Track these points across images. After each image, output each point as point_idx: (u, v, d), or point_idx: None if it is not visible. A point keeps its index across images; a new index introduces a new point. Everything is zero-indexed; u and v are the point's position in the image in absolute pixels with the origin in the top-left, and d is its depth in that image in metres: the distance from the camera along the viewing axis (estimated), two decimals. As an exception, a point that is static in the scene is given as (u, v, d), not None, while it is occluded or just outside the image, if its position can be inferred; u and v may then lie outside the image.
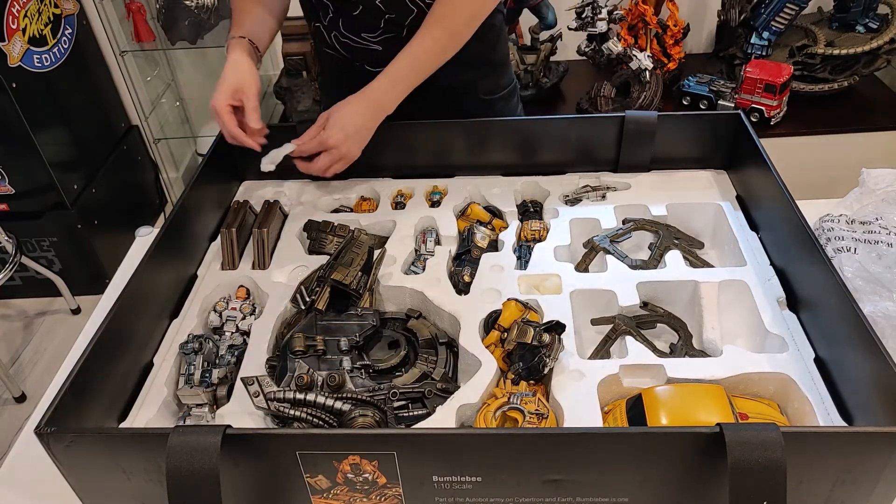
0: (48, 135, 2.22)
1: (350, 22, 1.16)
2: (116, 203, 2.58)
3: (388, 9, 1.12)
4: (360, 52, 1.19)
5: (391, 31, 1.15)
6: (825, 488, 0.69)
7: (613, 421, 0.81)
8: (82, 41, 2.42)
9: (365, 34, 1.16)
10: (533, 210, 1.17)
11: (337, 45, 1.20)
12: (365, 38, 1.17)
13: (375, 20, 1.14)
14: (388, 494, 0.73)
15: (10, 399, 2.20)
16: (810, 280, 0.89)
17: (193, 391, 0.89)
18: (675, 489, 0.70)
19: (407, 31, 1.14)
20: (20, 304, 2.55)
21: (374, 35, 1.16)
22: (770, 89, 2.04)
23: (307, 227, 1.12)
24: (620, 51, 2.18)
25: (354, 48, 1.19)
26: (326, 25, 1.19)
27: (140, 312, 0.91)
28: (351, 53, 1.20)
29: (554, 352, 0.85)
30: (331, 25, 1.18)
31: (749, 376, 0.84)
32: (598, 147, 1.19)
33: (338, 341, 0.92)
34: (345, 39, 1.18)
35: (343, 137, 1.07)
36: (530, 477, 0.70)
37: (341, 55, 1.22)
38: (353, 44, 1.18)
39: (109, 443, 0.70)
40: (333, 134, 1.07)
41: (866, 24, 2.15)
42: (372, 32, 1.16)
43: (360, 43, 1.18)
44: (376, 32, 1.15)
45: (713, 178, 1.20)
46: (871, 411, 0.74)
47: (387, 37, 1.16)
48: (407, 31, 1.14)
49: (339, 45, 1.20)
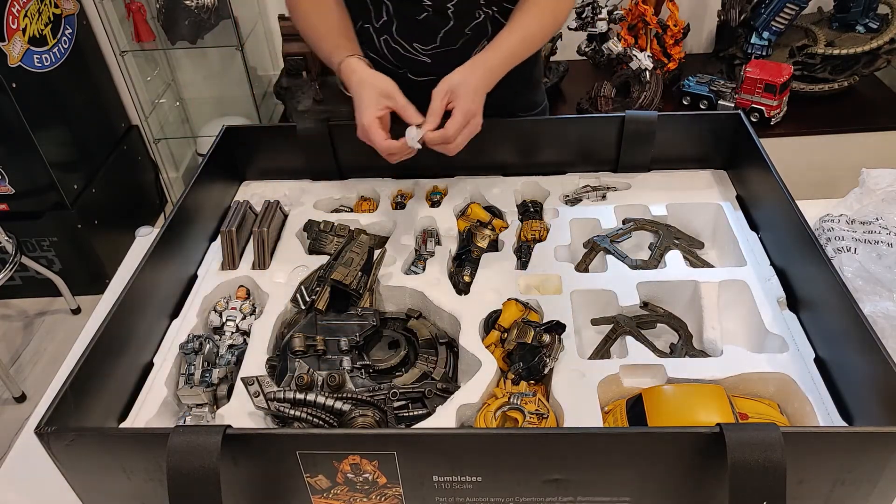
0: (48, 135, 2.22)
1: (406, 29, 1.13)
2: (116, 203, 2.58)
3: (456, 16, 1.09)
4: (408, 60, 1.17)
5: (445, 45, 1.13)
6: (825, 488, 0.69)
7: (613, 421, 0.81)
8: (82, 41, 2.42)
9: (417, 45, 1.14)
10: (533, 210, 1.17)
11: (385, 49, 1.17)
12: (416, 48, 1.14)
13: (435, 31, 1.11)
14: (388, 494, 0.73)
15: (10, 399, 2.20)
16: (810, 280, 0.89)
17: (193, 391, 0.89)
18: (675, 489, 0.70)
19: (461, 45, 1.13)
20: (20, 304, 2.55)
21: (426, 47, 1.14)
22: (770, 89, 2.04)
23: (307, 227, 1.12)
24: (620, 51, 2.18)
25: (403, 56, 1.16)
26: (377, 28, 1.15)
27: (140, 312, 0.91)
28: (398, 60, 1.18)
29: (554, 352, 0.85)
30: (382, 29, 1.14)
31: (749, 376, 0.84)
32: (598, 147, 1.19)
33: (338, 341, 0.92)
34: (395, 46, 1.15)
35: (479, 104, 1.00)
36: (530, 477, 0.70)
37: (387, 61, 1.19)
38: (403, 52, 1.15)
39: (109, 443, 0.70)
40: (471, 101, 0.98)
41: (866, 24, 2.15)
42: (425, 44, 1.13)
43: (410, 52, 1.15)
44: (429, 45, 1.13)
45: (713, 178, 1.20)
46: (871, 411, 0.74)
47: (439, 51, 1.14)
48: (461, 45, 1.13)
49: (388, 50, 1.17)
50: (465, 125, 0.98)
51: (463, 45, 1.13)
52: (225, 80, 2.72)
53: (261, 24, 2.61)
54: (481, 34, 1.13)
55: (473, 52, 1.14)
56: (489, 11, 1.11)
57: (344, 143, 1.21)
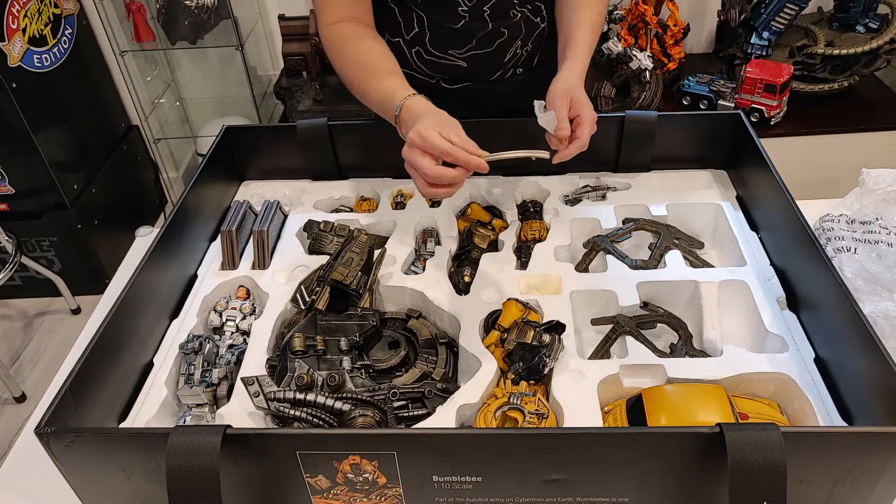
0: (48, 135, 2.22)
1: (440, 37, 1.12)
2: (116, 203, 2.58)
3: (492, 18, 1.09)
4: (443, 68, 1.16)
5: (482, 48, 1.12)
6: (825, 488, 0.69)
7: (613, 421, 0.81)
8: (82, 41, 2.42)
9: (453, 51, 1.13)
10: (533, 210, 1.17)
11: (418, 60, 1.16)
12: (452, 54, 1.13)
13: (471, 35, 1.11)
14: (388, 494, 0.73)
15: (10, 399, 2.20)
16: (810, 280, 0.89)
17: (193, 391, 0.89)
18: (675, 489, 0.70)
19: (497, 46, 1.13)
20: (20, 304, 2.55)
21: (461, 51, 1.13)
22: (770, 89, 2.04)
23: (307, 227, 1.12)
24: (620, 51, 2.18)
25: (437, 64, 1.15)
26: (408, 40, 1.13)
27: (140, 312, 0.91)
28: (432, 69, 1.16)
29: (554, 352, 0.85)
30: (414, 41, 1.13)
31: (749, 376, 0.84)
32: (598, 147, 1.18)
33: (338, 341, 0.92)
34: (429, 57, 1.14)
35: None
36: (530, 477, 0.70)
37: (420, 72, 1.17)
38: (438, 60, 1.14)
39: (109, 443, 0.70)
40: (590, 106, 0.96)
41: (866, 24, 2.15)
42: (461, 48, 1.12)
43: (445, 59, 1.14)
44: (465, 49, 1.12)
45: (713, 178, 1.20)
46: (871, 411, 0.74)
47: (475, 53, 1.13)
48: (497, 46, 1.13)
49: (421, 61, 1.15)
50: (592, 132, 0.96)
51: (498, 45, 1.13)
52: (225, 80, 2.72)
53: (261, 24, 2.61)
54: (516, 34, 1.13)
55: (508, 52, 1.15)
56: (523, 10, 1.11)
57: (344, 143, 1.21)
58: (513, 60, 1.16)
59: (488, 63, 1.14)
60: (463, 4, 1.07)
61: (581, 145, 0.94)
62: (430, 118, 0.89)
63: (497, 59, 1.14)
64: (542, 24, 1.15)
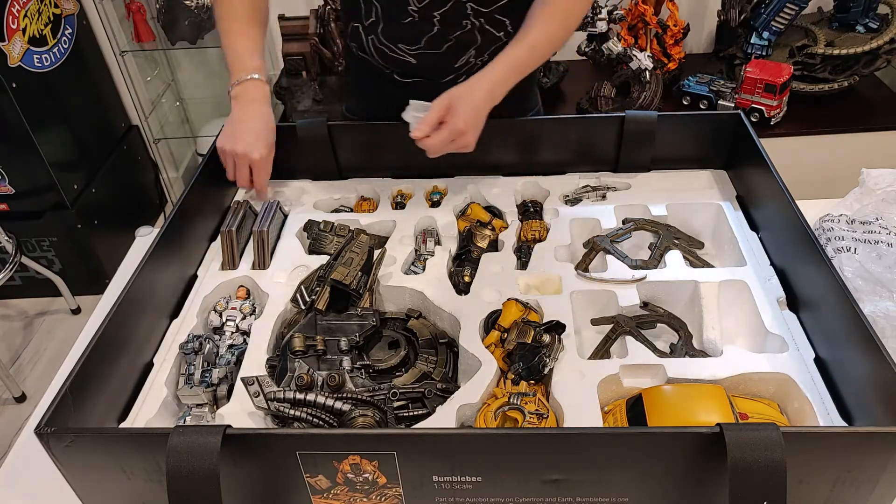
0: (48, 135, 2.22)
1: (392, 31, 1.13)
2: (116, 203, 2.58)
3: (442, 23, 1.10)
4: (394, 61, 1.17)
5: (430, 48, 1.13)
6: (825, 488, 0.69)
7: (613, 421, 0.81)
8: (82, 41, 2.42)
9: (403, 45, 1.14)
10: (533, 210, 1.17)
11: (372, 49, 1.17)
12: (402, 48, 1.14)
13: (420, 34, 1.12)
14: (388, 494, 0.73)
15: (10, 399, 2.20)
16: (810, 280, 0.89)
17: (193, 391, 0.89)
18: (675, 489, 0.70)
19: (446, 50, 1.13)
20: (20, 304, 2.55)
21: (411, 48, 1.14)
22: (770, 89, 2.04)
23: (307, 227, 1.12)
24: (620, 51, 2.18)
25: (389, 56, 1.17)
26: (366, 27, 1.15)
27: (140, 312, 0.91)
28: (384, 60, 1.18)
29: (554, 352, 0.85)
30: (370, 28, 1.15)
31: (749, 376, 0.84)
32: (598, 147, 1.19)
33: (338, 341, 0.92)
34: (381, 46, 1.16)
35: (472, 124, 1.02)
36: (530, 477, 0.70)
37: (375, 60, 1.19)
38: (389, 52, 1.16)
39: (109, 443, 0.70)
40: (463, 120, 1.00)
41: (866, 24, 2.15)
42: (410, 45, 1.14)
43: (396, 53, 1.15)
44: (413, 46, 1.13)
45: (713, 178, 1.20)
46: (871, 411, 0.74)
47: (424, 52, 1.14)
48: (446, 50, 1.13)
49: (375, 50, 1.17)
50: (449, 142, 1.01)
51: (448, 50, 1.14)
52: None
53: (261, 24, 2.60)
54: (469, 43, 1.13)
55: (460, 59, 1.15)
56: (477, 22, 1.11)
57: (344, 143, 1.21)
58: (466, 68, 1.16)
59: (438, 65, 1.15)
60: (413, 4, 1.08)
61: (425, 144, 1.02)
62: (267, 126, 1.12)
63: (447, 63, 1.15)
64: (506, 39, 1.13)
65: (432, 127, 1.01)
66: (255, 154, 1.10)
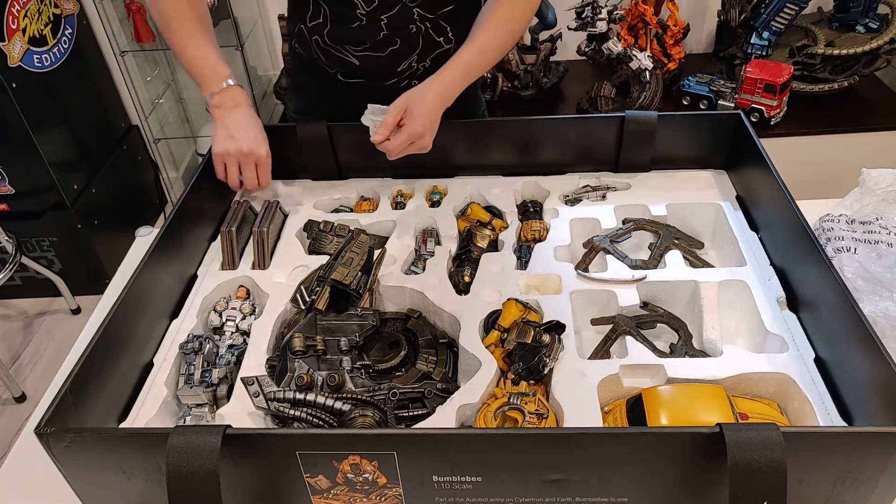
0: (48, 135, 2.22)
1: (338, 32, 1.15)
2: (116, 203, 2.58)
3: (388, 27, 1.11)
4: (338, 61, 1.19)
5: (375, 52, 1.15)
6: (825, 488, 0.69)
7: (613, 421, 0.81)
8: (82, 41, 2.42)
9: (349, 46, 1.15)
10: (533, 210, 1.17)
11: (316, 49, 1.19)
12: (348, 49, 1.16)
13: (366, 36, 1.13)
14: (388, 494, 0.73)
15: (10, 399, 2.20)
16: (810, 280, 0.89)
17: (193, 391, 0.89)
18: (675, 489, 0.70)
19: (389, 53, 1.15)
20: (20, 304, 2.55)
21: (356, 49, 1.15)
22: (770, 89, 2.04)
23: (307, 227, 1.12)
24: (620, 51, 2.17)
25: (334, 56, 1.18)
26: (310, 28, 1.17)
27: (140, 312, 0.91)
28: (329, 60, 1.19)
29: (554, 352, 0.85)
30: (314, 29, 1.16)
31: (749, 376, 0.84)
32: (598, 147, 1.19)
33: (338, 341, 0.92)
34: (325, 47, 1.17)
35: (428, 126, 1.05)
36: (530, 477, 0.70)
37: (319, 60, 1.21)
38: (334, 52, 1.17)
39: (109, 443, 0.70)
40: (420, 123, 1.04)
41: (866, 24, 2.15)
42: (356, 46, 1.15)
43: (341, 53, 1.17)
44: (359, 48, 1.15)
45: (713, 178, 1.20)
46: (871, 411, 0.74)
47: (368, 54, 1.16)
48: (389, 53, 1.15)
49: (320, 51, 1.18)
50: (408, 144, 1.04)
51: (391, 53, 1.15)
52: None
53: (261, 24, 2.61)
54: (412, 48, 1.15)
55: (402, 63, 1.17)
56: (422, 27, 1.13)
57: (344, 143, 1.21)
58: (408, 72, 1.18)
59: (381, 67, 1.17)
60: (361, 8, 1.10)
61: (385, 148, 1.05)
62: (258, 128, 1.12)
63: (390, 66, 1.17)
64: (446, 45, 1.17)
65: (391, 130, 1.04)
66: (262, 150, 1.11)
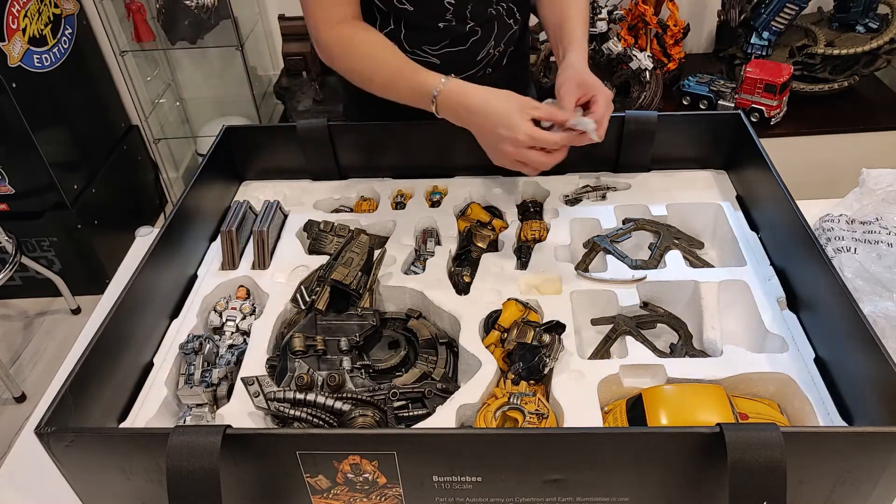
0: (48, 135, 2.22)
1: (416, 35, 1.12)
2: (116, 203, 2.58)
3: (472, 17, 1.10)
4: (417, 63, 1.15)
5: (456, 46, 1.13)
6: (825, 488, 0.69)
7: (613, 421, 0.81)
8: (82, 41, 2.42)
9: (427, 47, 1.13)
10: (533, 210, 1.17)
11: None
12: (426, 50, 1.14)
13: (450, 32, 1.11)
14: (388, 494, 0.73)
15: (10, 399, 2.20)
16: (810, 280, 0.89)
17: (193, 391, 0.89)
18: (675, 489, 0.70)
19: (470, 44, 1.13)
20: (20, 304, 2.55)
21: (434, 48, 1.13)
22: (770, 89, 2.04)
23: (307, 227, 1.12)
24: (620, 51, 2.17)
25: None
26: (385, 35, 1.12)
27: (140, 312, 0.91)
28: None
29: (554, 352, 0.85)
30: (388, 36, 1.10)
31: (749, 376, 0.84)
32: (598, 147, 1.18)
33: (338, 341, 0.92)
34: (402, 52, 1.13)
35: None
36: (530, 477, 0.70)
37: None
38: (411, 56, 1.11)
39: (109, 443, 0.70)
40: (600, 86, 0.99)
41: (866, 24, 2.15)
42: (434, 45, 1.13)
43: (419, 55, 1.14)
44: (438, 45, 1.13)
45: (713, 178, 1.20)
46: (871, 411, 0.74)
47: (449, 50, 1.14)
48: (470, 44, 1.13)
49: None
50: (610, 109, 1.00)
51: (472, 43, 1.14)
52: (225, 80, 2.72)
53: (261, 24, 2.61)
54: (490, 32, 1.14)
55: (482, 51, 1.15)
56: (499, 8, 1.13)
57: (344, 143, 1.21)
58: (485, 59, 1.17)
59: (461, 60, 1.15)
60: (450, 8, 1.09)
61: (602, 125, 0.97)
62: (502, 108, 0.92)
63: (470, 57, 1.15)
64: (514, 27, 1.17)
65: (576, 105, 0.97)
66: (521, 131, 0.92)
